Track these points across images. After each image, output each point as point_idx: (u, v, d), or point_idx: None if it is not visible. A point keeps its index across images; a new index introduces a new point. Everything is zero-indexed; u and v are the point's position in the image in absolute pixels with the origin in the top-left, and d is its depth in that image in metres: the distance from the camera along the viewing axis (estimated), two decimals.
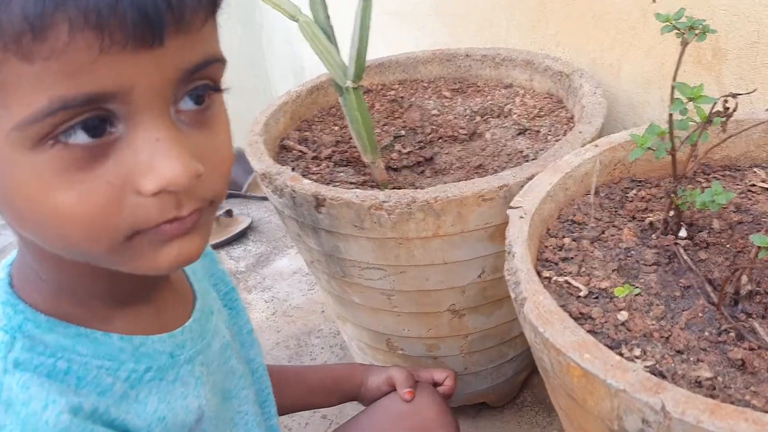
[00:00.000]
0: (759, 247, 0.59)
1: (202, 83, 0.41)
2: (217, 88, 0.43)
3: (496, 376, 1.03)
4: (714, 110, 0.65)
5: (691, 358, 0.57)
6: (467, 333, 0.94)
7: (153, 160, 0.37)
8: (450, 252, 0.82)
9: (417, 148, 1.05)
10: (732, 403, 0.51)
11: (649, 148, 0.68)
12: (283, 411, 0.78)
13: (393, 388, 0.79)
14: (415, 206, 0.77)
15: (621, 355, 0.56)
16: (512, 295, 0.62)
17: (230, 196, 1.87)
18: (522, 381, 1.10)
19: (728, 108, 0.65)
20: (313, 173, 0.96)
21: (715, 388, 0.53)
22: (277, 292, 1.46)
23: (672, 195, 0.69)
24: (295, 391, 0.81)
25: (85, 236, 0.38)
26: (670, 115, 0.67)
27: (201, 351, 0.54)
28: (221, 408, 0.57)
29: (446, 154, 1.04)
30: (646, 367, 0.55)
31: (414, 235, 0.80)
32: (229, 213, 1.73)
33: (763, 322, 0.59)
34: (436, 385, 0.83)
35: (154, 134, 0.37)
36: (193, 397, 0.52)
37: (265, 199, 1.80)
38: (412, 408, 0.80)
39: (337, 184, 0.93)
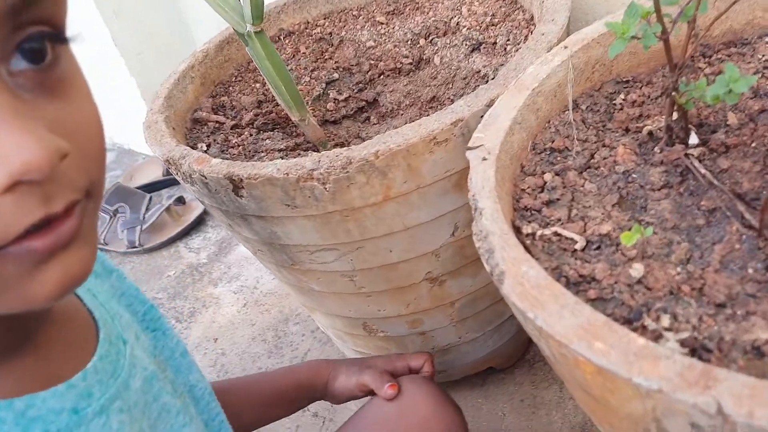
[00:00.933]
0: None
1: (37, 30, 0.29)
2: (60, 37, 0.30)
3: (497, 338, 0.89)
4: None
5: (739, 313, 0.41)
6: (453, 300, 0.79)
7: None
8: (409, 215, 0.66)
9: (356, 91, 0.87)
10: None
11: (633, 36, 0.51)
12: (243, 431, 0.65)
13: (367, 394, 0.66)
14: (353, 168, 0.61)
15: (644, 328, 0.41)
16: (487, 268, 0.47)
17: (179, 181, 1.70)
18: (529, 336, 0.96)
19: None
20: (233, 146, 0.79)
21: None
22: (246, 280, 1.31)
23: (672, 92, 0.52)
24: (252, 408, 0.69)
25: None
26: None
27: (116, 395, 0.41)
28: None
29: (391, 92, 0.87)
30: (682, 342, 0.40)
31: (360, 203, 0.64)
32: (180, 200, 1.56)
33: None
34: (414, 372, 0.70)
35: None
36: None
37: None
38: (401, 409, 0.66)
39: (263, 154, 0.76)
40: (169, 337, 0.55)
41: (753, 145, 0.53)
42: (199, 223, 1.52)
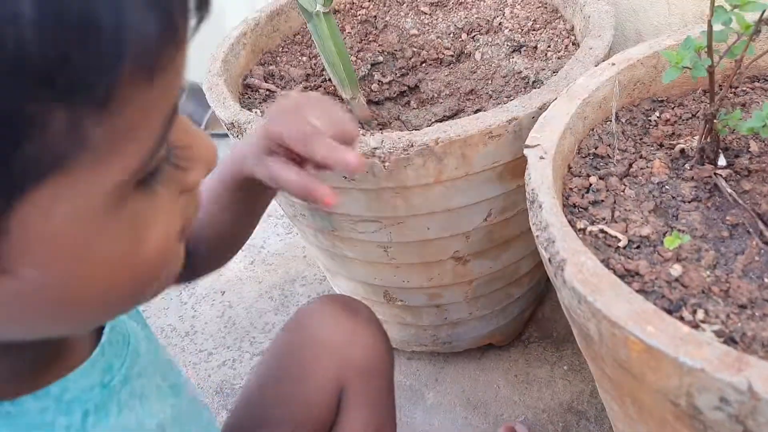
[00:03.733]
0: None
1: None
2: None
3: (502, 317, 0.97)
4: (764, 17, 0.55)
5: (757, 314, 0.50)
6: (472, 279, 0.87)
7: (192, 144, 0.33)
8: (453, 198, 0.73)
9: (398, 75, 0.93)
10: None
11: (685, 67, 0.59)
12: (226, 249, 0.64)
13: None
14: (413, 151, 0.67)
15: (682, 319, 0.49)
16: (545, 255, 0.54)
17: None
18: (528, 318, 1.05)
19: None
20: None
21: None
22: (252, 239, 1.36)
23: (713, 120, 0.60)
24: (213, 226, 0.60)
25: (156, 270, 0.32)
26: (710, 26, 0.57)
27: (133, 363, 0.44)
28: (177, 405, 0.48)
29: (432, 80, 0.93)
30: (715, 332, 0.48)
31: (413, 183, 0.70)
32: None
33: None
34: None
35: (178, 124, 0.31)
36: (148, 417, 0.43)
37: (227, 135, 1.65)
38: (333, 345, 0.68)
39: None
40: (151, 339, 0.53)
41: None
42: None
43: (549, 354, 1.02)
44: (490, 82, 0.88)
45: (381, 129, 0.86)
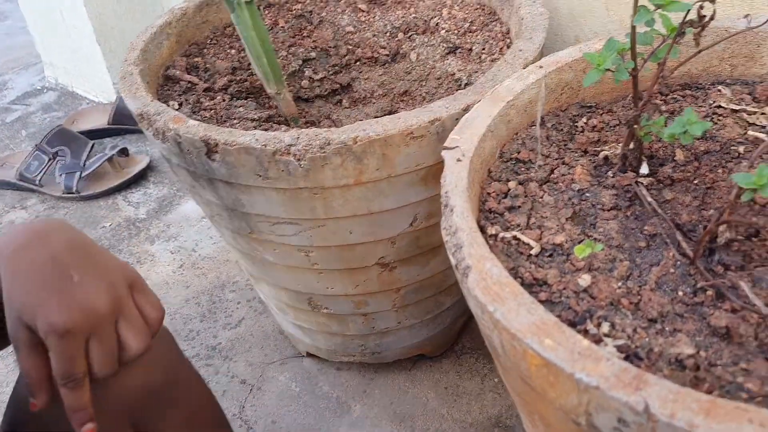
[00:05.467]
0: (740, 188, 0.49)
1: None
2: None
3: (432, 327, 0.94)
4: (687, 19, 0.53)
5: (667, 329, 0.47)
6: (399, 286, 0.83)
7: None
8: (376, 201, 0.69)
9: (331, 73, 0.89)
10: (722, 387, 0.42)
11: (607, 69, 0.56)
12: None
13: None
14: (330, 149, 0.63)
15: (586, 332, 0.46)
16: (452, 261, 0.51)
17: (125, 131, 1.65)
18: (460, 328, 1.02)
19: (704, 16, 0.53)
20: (205, 109, 0.79)
21: (699, 368, 0.44)
22: (184, 242, 1.30)
23: (634, 125, 0.58)
24: None
25: None
26: (633, 27, 0.55)
27: None
28: None
29: (366, 79, 0.89)
30: (618, 347, 0.45)
31: (331, 183, 0.67)
32: (124, 152, 1.52)
33: (744, 276, 0.50)
34: None
35: None
36: None
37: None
38: None
39: (236, 121, 0.77)
40: None
41: (695, 182, 0.59)
42: (141, 177, 1.49)
43: (481, 365, 0.99)
44: (424, 83, 0.85)
45: (309, 128, 0.82)
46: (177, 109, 0.78)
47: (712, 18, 0.53)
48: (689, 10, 0.52)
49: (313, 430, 0.94)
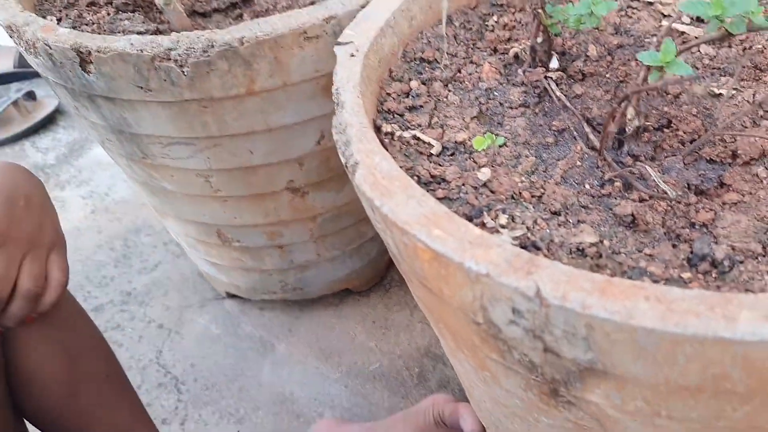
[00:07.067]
0: (648, 68, 0.45)
1: None
2: None
3: (357, 259, 0.90)
4: None
5: (570, 220, 0.44)
6: (315, 214, 0.78)
7: None
8: (274, 114, 0.64)
9: None
10: (624, 272, 0.39)
11: None
12: None
13: None
14: (215, 52, 0.57)
15: (483, 225, 0.42)
16: (342, 160, 0.46)
17: (32, 75, 1.53)
18: (388, 261, 0.98)
19: None
20: (87, 24, 0.71)
21: (601, 256, 0.40)
22: (96, 186, 1.22)
23: (539, 13, 0.53)
24: None
25: None
26: None
27: None
28: None
29: None
30: (515, 238, 0.41)
31: (220, 93, 0.60)
32: (31, 95, 1.41)
33: (653, 165, 0.47)
34: None
35: None
36: None
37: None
38: None
39: (120, 36, 0.69)
40: None
41: (607, 76, 0.56)
42: (49, 121, 1.39)
43: (410, 298, 0.96)
44: None
45: None
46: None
47: None
48: None
49: (235, 370, 0.90)
